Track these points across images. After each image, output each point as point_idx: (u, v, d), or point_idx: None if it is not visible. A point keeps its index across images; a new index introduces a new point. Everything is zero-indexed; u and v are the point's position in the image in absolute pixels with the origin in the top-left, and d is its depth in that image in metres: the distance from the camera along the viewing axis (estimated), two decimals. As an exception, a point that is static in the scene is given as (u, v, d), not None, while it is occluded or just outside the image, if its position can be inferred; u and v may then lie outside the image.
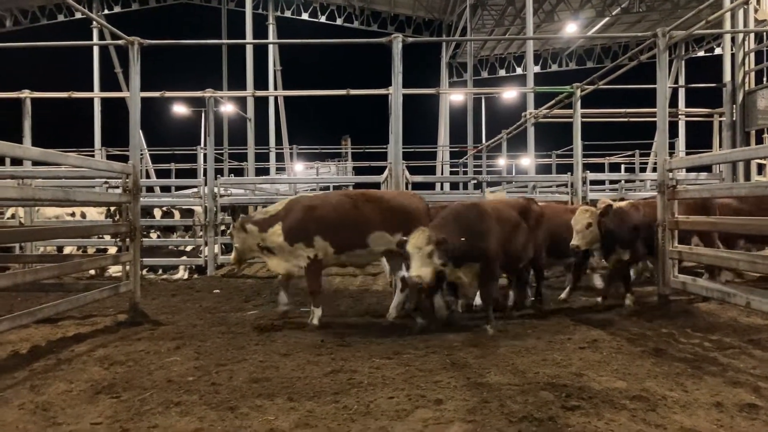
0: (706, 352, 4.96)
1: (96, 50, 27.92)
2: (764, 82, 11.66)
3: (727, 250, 7.35)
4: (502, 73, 35.74)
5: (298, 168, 26.82)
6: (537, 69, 32.07)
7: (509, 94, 25.31)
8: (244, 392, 4.00)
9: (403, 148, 8.05)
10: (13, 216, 10.75)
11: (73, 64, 28.72)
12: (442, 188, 20.87)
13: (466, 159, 23.39)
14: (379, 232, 6.34)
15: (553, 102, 12.58)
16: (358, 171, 25.13)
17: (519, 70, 34.54)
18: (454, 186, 19.94)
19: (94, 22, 24.69)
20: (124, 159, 7.47)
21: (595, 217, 6.80)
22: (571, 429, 3.31)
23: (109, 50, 28.60)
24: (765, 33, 12.40)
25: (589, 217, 6.76)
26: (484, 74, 35.57)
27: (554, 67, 35.09)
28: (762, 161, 12.86)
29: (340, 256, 6.44)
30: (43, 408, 3.74)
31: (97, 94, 24.81)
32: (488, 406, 3.67)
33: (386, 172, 9.39)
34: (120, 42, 7.14)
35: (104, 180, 10.66)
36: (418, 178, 11.22)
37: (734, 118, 11.72)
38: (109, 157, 20.03)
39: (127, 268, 6.85)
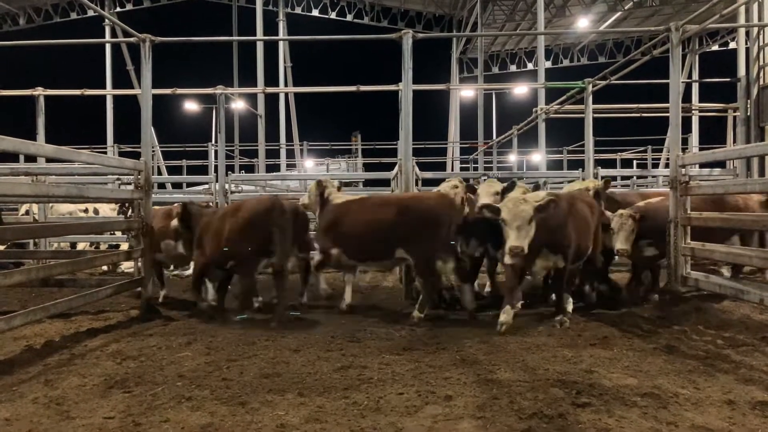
0: (719, 350, 4.92)
1: (108, 48, 28.10)
2: (779, 77, 11.51)
3: (740, 246, 7.28)
4: (512, 68, 35.55)
5: (309, 164, 26.87)
6: (548, 64, 31.82)
7: (520, 90, 25.19)
8: (255, 387, 4.03)
9: (414, 145, 8.02)
10: (27, 212, 10.87)
11: (86, 62, 28.97)
12: (452, 184, 20.76)
13: (477, 155, 23.29)
14: None
15: (564, 97, 12.49)
16: (368, 167, 25.11)
17: (530, 66, 34.34)
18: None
19: (107, 20, 24.84)
20: (136, 156, 7.52)
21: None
22: (582, 426, 3.30)
23: (121, 48, 28.77)
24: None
25: (531, 210, 5.55)
26: (495, 70, 35.39)
27: (566, 63, 34.85)
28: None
29: None
30: (56, 402, 3.79)
31: (109, 92, 25.02)
32: (498, 403, 3.67)
33: (396, 169, 9.38)
34: (132, 39, 7.19)
35: (116, 177, 10.74)
36: (428, 175, 11.17)
37: (749, 113, 11.58)
38: (122, 154, 20.18)
39: (139, 264, 6.91)
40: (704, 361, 4.55)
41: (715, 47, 29.70)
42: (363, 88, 10.95)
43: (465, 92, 29.20)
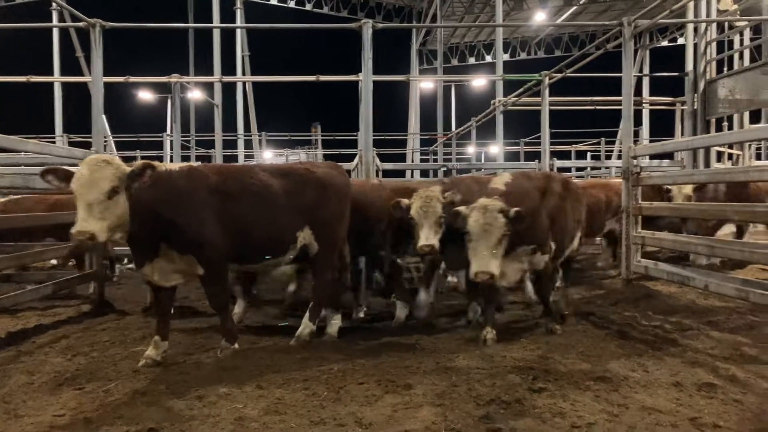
0: (667, 334, 5.11)
1: (56, 33, 26.96)
2: (725, 72, 11.96)
3: (687, 235, 7.57)
4: (471, 60, 35.90)
5: (267, 155, 26.48)
6: (506, 57, 32.29)
7: (478, 82, 25.42)
8: (213, 381, 3.96)
9: (374, 136, 8.01)
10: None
11: (32, 48, 27.68)
12: (412, 175, 20.94)
13: (436, 146, 23.45)
14: None
15: (521, 90, 12.68)
16: (328, 158, 24.94)
17: (488, 58, 34.74)
18: (424, 173, 19.94)
19: (54, 4, 23.84)
20: (88, 146, 7.27)
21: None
22: (538, 410, 3.38)
23: (70, 33, 27.66)
24: (726, 23, 12.71)
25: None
26: (454, 62, 35.66)
27: (523, 56, 35.39)
28: (721, 149, 13.23)
29: None
30: (3, 400, 3.65)
31: (57, 79, 24.02)
32: (457, 390, 3.71)
33: (356, 160, 9.36)
34: (81, 24, 6.93)
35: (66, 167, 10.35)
36: (389, 166, 11.22)
37: (695, 107, 12.00)
38: (72, 144, 19.44)
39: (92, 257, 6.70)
40: (653, 345, 4.72)
41: (665, 43, 30.65)
42: (322, 78, 10.83)
43: (425, 84, 29.30)
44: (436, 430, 3.14)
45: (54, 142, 20.38)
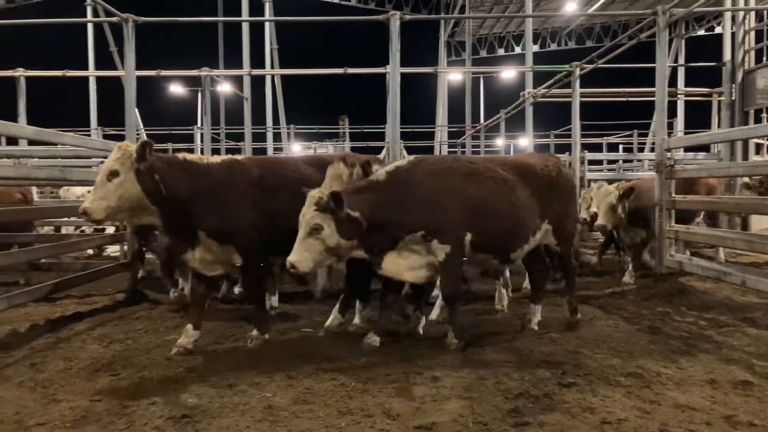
0: (701, 330, 5.00)
1: (90, 28, 27.51)
2: (764, 62, 11.59)
3: (723, 229, 7.39)
4: (500, 52, 35.40)
5: (296, 148, 26.66)
6: (536, 48, 31.77)
7: (508, 74, 25.10)
8: (243, 370, 4.03)
9: (401, 128, 7.99)
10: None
11: (68, 43, 28.34)
12: (440, 168, 20.73)
13: (465, 139, 23.27)
14: None
15: (551, 81, 12.47)
16: (355, 151, 24.97)
17: (518, 49, 34.23)
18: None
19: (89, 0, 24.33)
20: (121, 139, 7.42)
21: None
22: (567, 405, 3.35)
23: (103, 28, 28.24)
24: (765, 11, 12.30)
25: None
26: (483, 53, 35.23)
27: (553, 46, 34.77)
28: (760, 141, 12.86)
29: None
30: (42, 385, 3.77)
31: (91, 73, 24.48)
32: (485, 383, 3.70)
33: (384, 152, 9.35)
34: (114, 19, 7.07)
35: (101, 159, 10.59)
36: (416, 158, 11.10)
37: (733, 98, 11.68)
38: (106, 137, 19.87)
39: (125, 247, 6.86)
40: (687, 342, 4.63)
41: (701, 32, 29.73)
42: (350, 70, 10.85)
43: (453, 76, 29.06)
44: (464, 423, 3.14)
45: (89, 135, 20.87)
